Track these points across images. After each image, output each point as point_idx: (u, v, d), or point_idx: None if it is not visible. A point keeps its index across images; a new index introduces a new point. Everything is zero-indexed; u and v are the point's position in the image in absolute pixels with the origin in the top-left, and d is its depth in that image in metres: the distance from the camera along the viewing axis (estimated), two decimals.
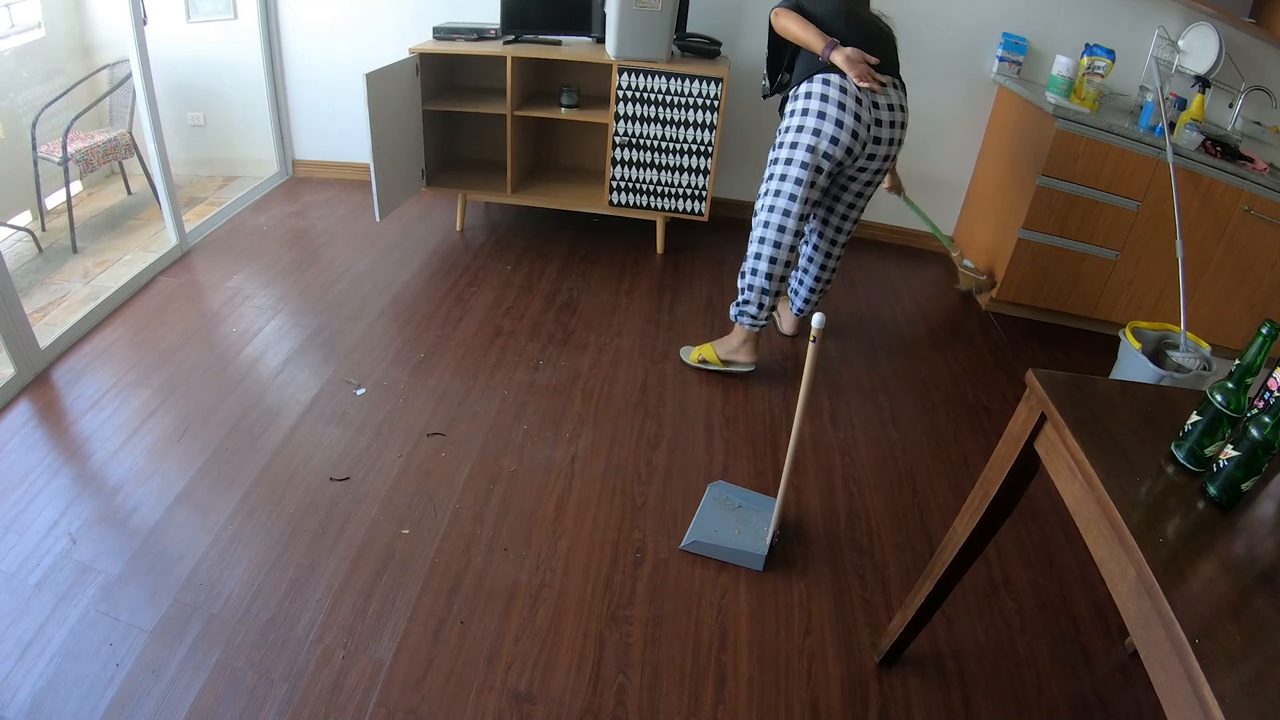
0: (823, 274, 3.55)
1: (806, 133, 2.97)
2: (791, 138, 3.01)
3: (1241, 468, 1.29)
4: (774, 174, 3.09)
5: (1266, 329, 1.29)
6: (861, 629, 2.32)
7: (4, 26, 4.64)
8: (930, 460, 3.07)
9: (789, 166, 3.03)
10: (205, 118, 5.25)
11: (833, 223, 3.40)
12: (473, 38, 4.21)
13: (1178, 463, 1.40)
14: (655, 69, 3.94)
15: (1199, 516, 1.31)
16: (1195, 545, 1.25)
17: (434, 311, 3.73)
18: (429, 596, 2.29)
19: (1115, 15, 4.23)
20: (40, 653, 2.09)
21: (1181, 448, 1.40)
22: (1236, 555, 1.26)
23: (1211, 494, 1.33)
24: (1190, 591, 1.15)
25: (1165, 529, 1.27)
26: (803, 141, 2.98)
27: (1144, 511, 1.29)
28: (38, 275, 4.20)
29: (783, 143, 3.05)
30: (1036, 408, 1.58)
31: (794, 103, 3.03)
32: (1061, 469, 1.50)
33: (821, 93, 2.94)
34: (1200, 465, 1.38)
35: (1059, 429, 1.49)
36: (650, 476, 2.83)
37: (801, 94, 3.00)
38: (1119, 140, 3.72)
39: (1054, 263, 4.03)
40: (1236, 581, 1.20)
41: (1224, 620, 1.11)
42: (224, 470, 2.73)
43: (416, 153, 4.28)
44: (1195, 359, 3.29)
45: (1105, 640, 2.36)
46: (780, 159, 3.06)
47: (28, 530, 2.46)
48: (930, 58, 4.45)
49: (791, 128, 3.02)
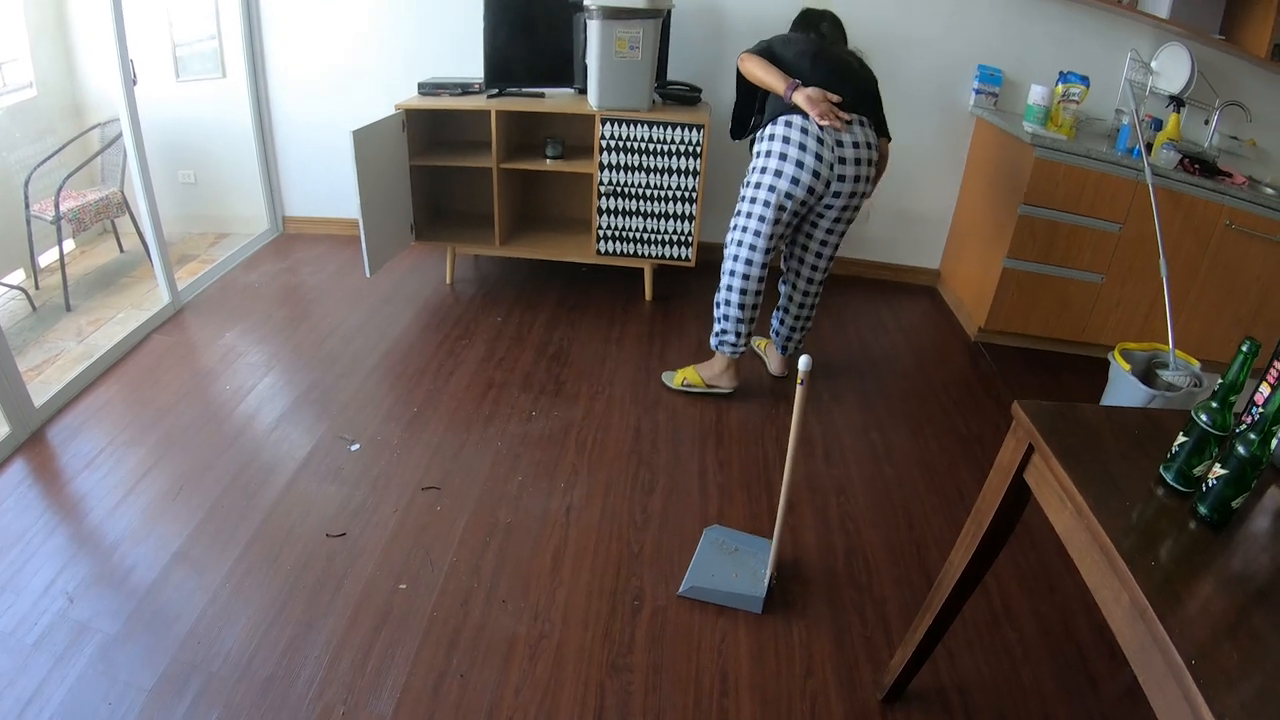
0: (802, 311, 3.58)
1: (769, 174, 3.09)
2: (756, 178, 3.15)
3: (1231, 485, 1.29)
4: (741, 210, 3.23)
5: (1247, 346, 1.30)
6: (863, 666, 2.31)
7: None
8: (925, 494, 3.07)
9: (754, 205, 3.16)
10: (196, 175, 5.29)
11: (808, 260, 3.44)
12: (457, 92, 4.26)
13: (1167, 484, 1.41)
14: (638, 118, 3.99)
15: (1191, 537, 1.32)
16: (1189, 566, 1.25)
17: (426, 365, 3.73)
18: (428, 651, 2.28)
19: (1087, 41, 4.29)
20: (39, 712, 2.07)
21: (1170, 469, 1.40)
22: (1231, 574, 1.26)
23: (1203, 514, 1.33)
24: (1185, 613, 1.15)
25: (1158, 552, 1.27)
26: (765, 182, 3.11)
27: (1136, 536, 1.29)
28: (31, 333, 4.22)
29: (749, 182, 3.19)
30: (1024, 439, 1.59)
31: (759, 144, 3.18)
32: (1051, 498, 1.51)
33: (784, 135, 3.06)
34: (1190, 485, 1.38)
35: (1046, 459, 1.49)
36: (646, 523, 2.82)
37: (766, 135, 3.14)
38: (1097, 164, 3.76)
39: (1040, 289, 4.06)
40: (1232, 600, 1.20)
41: (1221, 640, 1.12)
42: (220, 528, 2.72)
43: (405, 208, 4.31)
44: (1185, 377, 3.30)
45: (1110, 665, 2.35)
46: (747, 197, 3.20)
47: (25, 589, 2.44)
48: (908, 93, 4.51)
49: (756, 168, 3.16)
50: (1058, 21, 4.28)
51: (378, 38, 4.74)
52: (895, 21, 4.37)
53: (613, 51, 3.82)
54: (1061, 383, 4.01)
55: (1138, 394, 3.22)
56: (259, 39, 4.82)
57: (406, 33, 4.70)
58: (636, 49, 3.82)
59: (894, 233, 4.92)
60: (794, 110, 3.04)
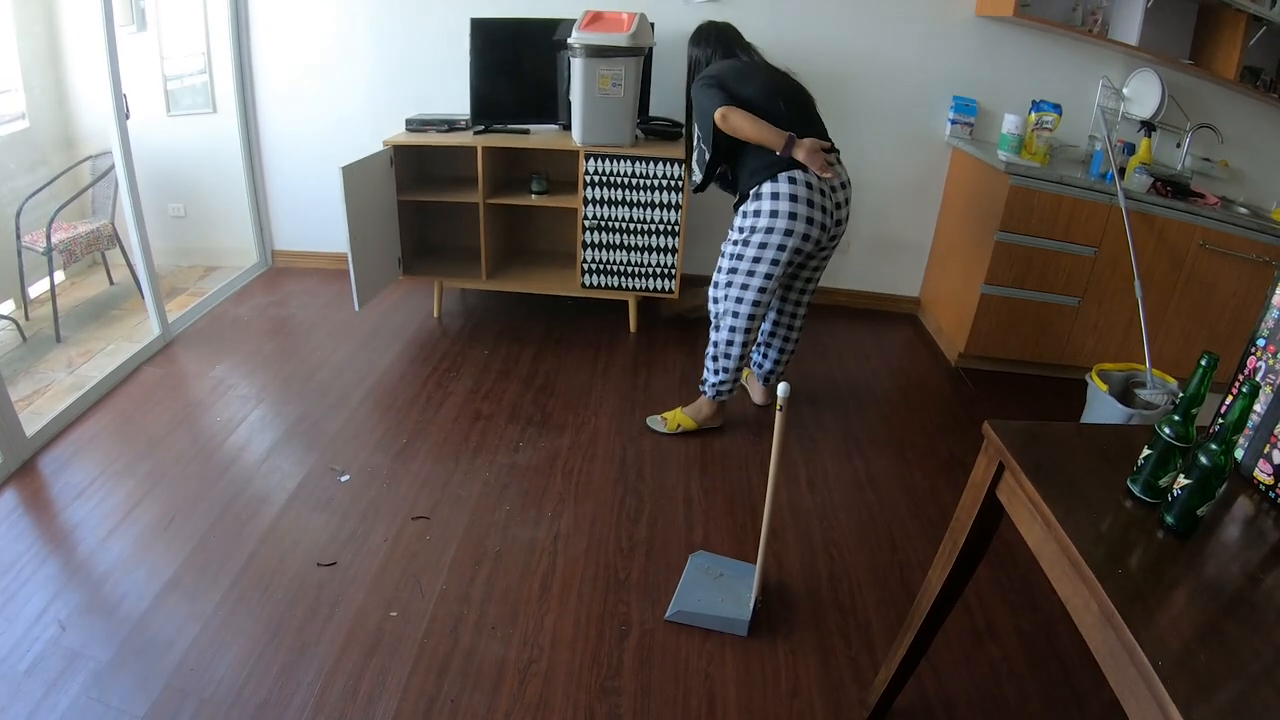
0: (787, 345, 3.64)
1: (778, 233, 3.03)
2: (761, 238, 3.07)
3: (1196, 495, 1.34)
4: (741, 269, 3.16)
5: (1205, 360, 1.35)
6: (849, 686, 2.34)
7: None
8: (908, 517, 3.11)
9: (759, 264, 3.11)
10: (186, 209, 5.33)
11: (792, 298, 3.51)
12: (444, 129, 4.33)
13: (1134, 496, 1.45)
14: (620, 153, 4.06)
15: (1159, 546, 1.36)
16: (1156, 573, 1.30)
17: (414, 398, 3.77)
18: (419, 677, 2.30)
19: (1059, 70, 4.39)
20: None
21: (1137, 481, 1.45)
22: (1197, 580, 1.31)
23: (1169, 523, 1.38)
24: (1152, 618, 1.20)
25: (1126, 561, 1.31)
26: (773, 241, 3.05)
27: (1104, 546, 1.34)
28: (22, 364, 4.24)
29: (750, 241, 3.10)
30: (995, 457, 1.64)
31: (759, 202, 3.07)
32: (1022, 513, 1.55)
33: (790, 193, 3.00)
34: (1156, 496, 1.43)
35: (1016, 475, 1.54)
36: (633, 550, 2.86)
37: (768, 194, 3.04)
38: (1071, 190, 3.84)
39: (1018, 314, 4.13)
40: (1199, 605, 1.25)
41: (1189, 643, 1.16)
42: (212, 557, 2.74)
43: (393, 242, 4.36)
44: (1162, 395, 3.35)
45: (1094, 680, 2.38)
46: (749, 255, 3.12)
47: (16, 617, 2.46)
48: (885, 124, 4.60)
49: (760, 228, 3.06)
50: (1030, 51, 4.37)
51: (366, 74, 4.81)
52: (870, 52, 4.45)
53: (595, 89, 3.89)
54: (1042, 404, 4.06)
55: (1116, 413, 3.27)
56: (249, 74, 4.88)
57: (394, 70, 4.77)
58: (619, 86, 3.89)
59: (874, 262, 4.99)
60: (792, 164, 3.01)
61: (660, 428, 3.57)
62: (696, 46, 3.41)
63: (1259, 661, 1.14)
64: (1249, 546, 1.41)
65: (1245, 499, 1.52)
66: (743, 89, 3.10)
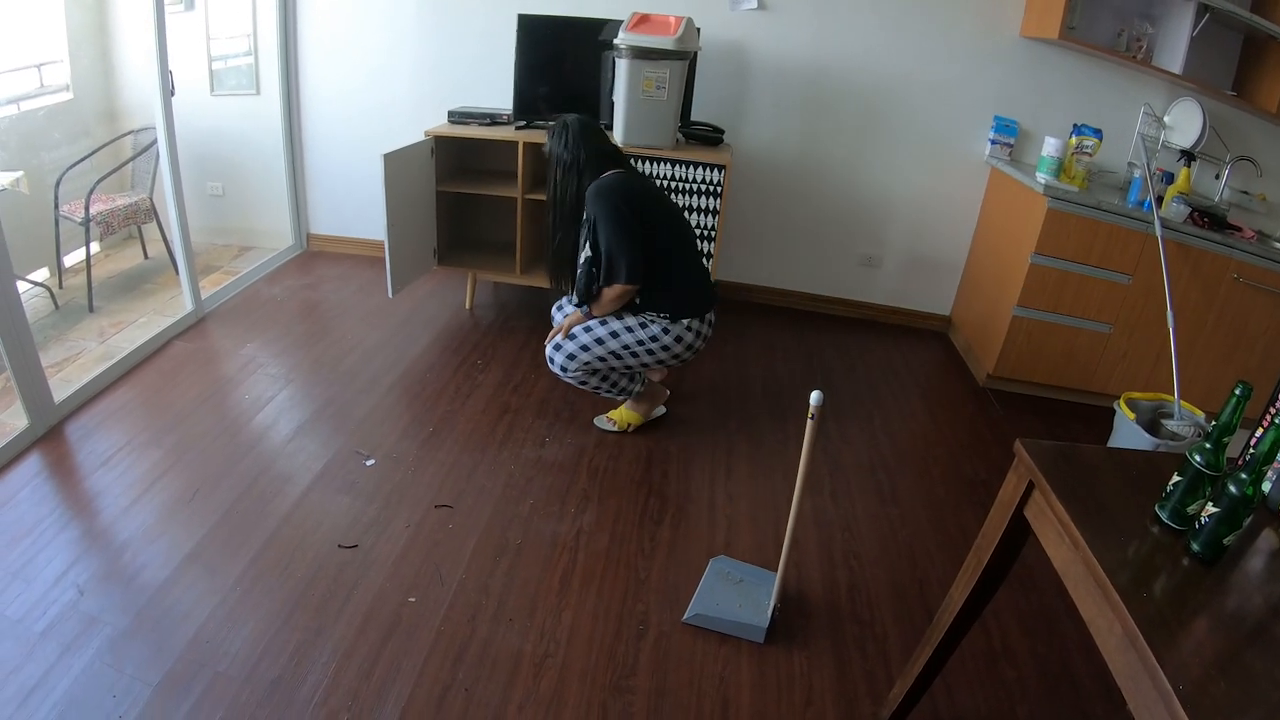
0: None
1: (669, 351, 3.27)
2: (665, 344, 3.25)
3: (1223, 523, 1.34)
4: (636, 354, 3.28)
5: (1239, 390, 1.35)
6: (863, 699, 2.34)
7: (34, 87, 4.79)
8: (929, 534, 3.11)
9: (648, 358, 3.30)
10: (224, 188, 5.40)
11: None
12: (486, 122, 4.35)
13: (1162, 522, 1.45)
14: (661, 155, 4.06)
15: (1184, 572, 1.36)
16: (1180, 598, 1.30)
17: (443, 387, 3.79)
18: (434, 664, 2.31)
19: (1102, 95, 4.36)
20: (43, 700, 2.12)
21: (1165, 507, 1.45)
22: (1220, 607, 1.31)
23: (1195, 550, 1.38)
24: (1175, 641, 1.20)
25: (1151, 585, 1.32)
26: (667, 356, 3.29)
27: (1130, 570, 1.34)
28: (54, 331, 4.29)
29: (653, 337, 3.23)
30: (1025, 475, 1.64)
31: (669, 329, 3.23)
32: (1050, 533, 1.55)
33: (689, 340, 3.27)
34: (1183, 523, 1.43)
35: (1046, 495, 1.54)
36: (654, 551, 2.86)
37: (678, 330, 3.23)
38: (1108, 216, 3.81)
39: (1049, 338, 4.10)
40: (1221, 632, 1.25)
41: (1209, 668, 1.16)
42: (233, 533, 2.78)
43: (429, 232, 4.39)
44: (1189, 427, 3.33)
45: (1106, 706, 2.37)
46: (645, 358, 3.29)
47: (35, 579, 2.50)
48: (925, 141, 4.60)
49: (663, 344, 3.25)
50: (1073, 74, 4.35)
51: (410, 64, 4.85)
52: (914, 69, 4.45)
53: (640, 90, 3.90)
54: (1068, 430, 4.04)
55: (1142, 443, 3.25)
56: (295, 59, 4.94)
57: (438, 62, 4.81)
58: (663, 89, 3.90)
59: (907, 278, 4.98)
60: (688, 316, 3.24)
61: (609, 426, 3.59)
62: (562, 145, 3.24)
63: (1279, 692, 1.14)
64: (1273, 579, 1.40)
65: (1271, 531, 1.51)
66: (650, 220, 3.16)
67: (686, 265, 3.26)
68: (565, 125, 3.20)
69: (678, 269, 3.22)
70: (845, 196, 4.81)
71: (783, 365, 4.37)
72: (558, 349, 3.30)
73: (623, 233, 3.02)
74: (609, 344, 3.22)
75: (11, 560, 2.57)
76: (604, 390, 3.41)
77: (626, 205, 3.05)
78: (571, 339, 3.27)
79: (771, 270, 5.12)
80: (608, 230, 3.03)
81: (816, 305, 5.15)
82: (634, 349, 3.23)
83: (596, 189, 3.08)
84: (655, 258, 3.11)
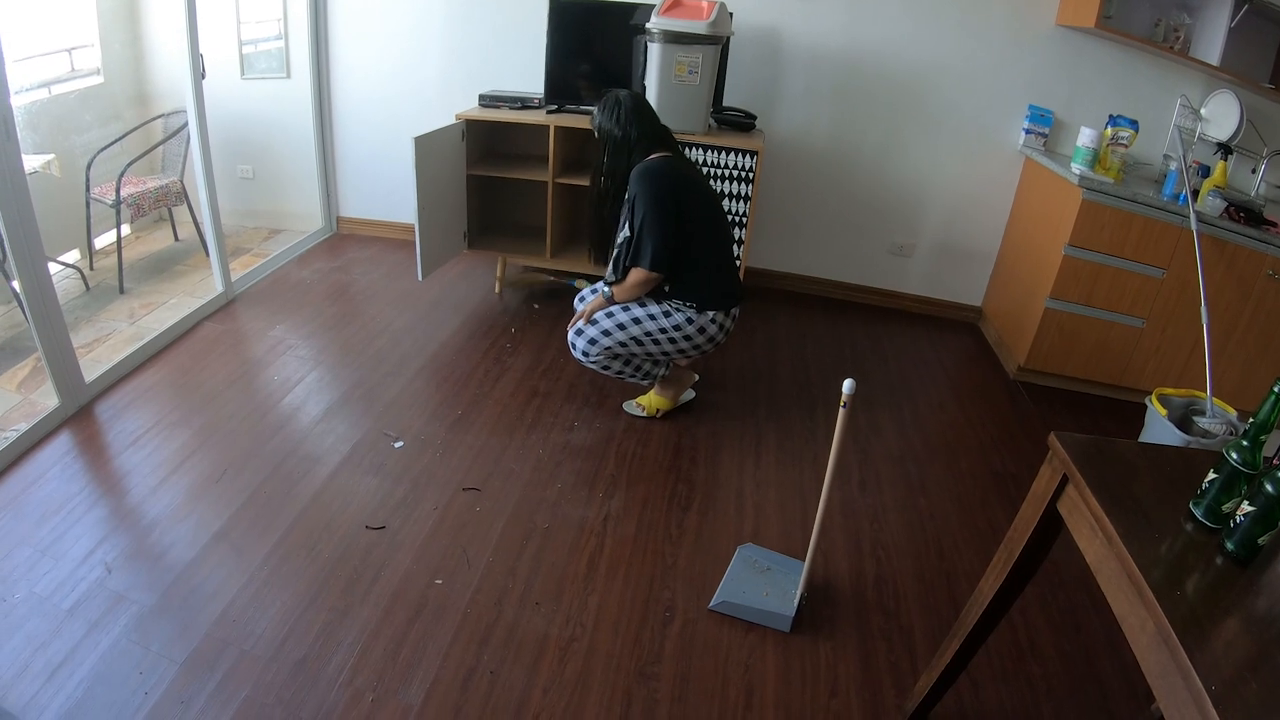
0: None
1: (691, 342, 3.28)
2: (684, 340, 3.27)
3: (1259, 523, 1.32)
4: (658, 341, 3.28)
5: (1279, 387, 1.33)
6: (887, 691, 2.33)
7: (65, 70, 4.83)
8: (957, 527, 3.09)
9: (669, 346, 3.30)
10: (254, 171, 5.44)
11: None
12: (517, 106, 4.35)
13: (1196, 520, 1.44)
14: (693, 140, 4.05)
15: (1217, 571, 1.35)
16: (1213, 598, 1.29)
17: (472, 370, 3.80)
18: (460, 646, 2.33)
19: (1138, 86, 4.31)
20: (70, 676, 2.15)
21: (1200, 505, 1.43)
22: (1255, 607, 1.29)
23: (1229, 549, 1.36)
24: (1208, 641, 1.19)
25: (1184, 584, 1.30)
26: (688, 346, 3.30)
27: (1163, 567, 1.33)
28: (84, 312, 4.33)
29: (677, 325, 3.24)
30: (1059, 469, 1.62)
31: (694, 320, 3.23)
32: (1083, 528, 1.54)
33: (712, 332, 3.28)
34: (1218, 522, 1.41)
35: (1080, 489, 1.53)
36: (681, 537, 2.86)
37: (702, 321, 3.24)
38: (1143, 209, 3.76)
39: (1081, 331, 4.06)
40: (1255, 633, 1.24)
41: (1242, 670, 1.15)
42: (261, 513, 2.80)
43: (459, 215, 4.39)
44: (1221, 424, 3.29)
45: (1132, 704, 2.36)
46: (666, 346, 3.30)
47: (64, 556, 2.53)
48: (958, 130, 4.55)
49: (686, 334, 3.26)
50: (1109, 64, 4.30)
51: (440, 48, 4.85)
52: (948, 57, 4.41)
53: (672, 75, 3.88)
54: (1098, 425, 4.00)
55: (1173, 439, 3.22)
56: (325, 42, 4.96)
57: (469, 45, 4.81)
58: (695, 74, 3.88)
59: (939, 268, 4.95)
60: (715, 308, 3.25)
61: (638, 411, 3.59)
62: (613, 121, 3.21)
63: None
64: None
65: None
66: (693, 213, 3.14)
67: (720, 258, 3.25)
68: (618, 101, 3.20)
69: (711, 261, 3.21)
70: (877, 185, 4.78)
71: (813, 353, 4.35)
72: (579, 334, 3.30)
73: (659, 220, 3.02)
74: (631, 330, 3.22)
75: (41, 537, 2.60)
76: (628, 375, 3.41)
77: (669, 193, 3.05)
78: (594, 324, 3.27)
79: (802, 257, 5.10)
80: (645, 214, 3.03)
81: (847, 293, 5.13)
82: (656, 336, 3.23)
83: (643, 172, 3.08)
84: (690, 247, 3.11)
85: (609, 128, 3.18)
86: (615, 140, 3.17)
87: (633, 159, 3.15)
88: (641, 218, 3.04)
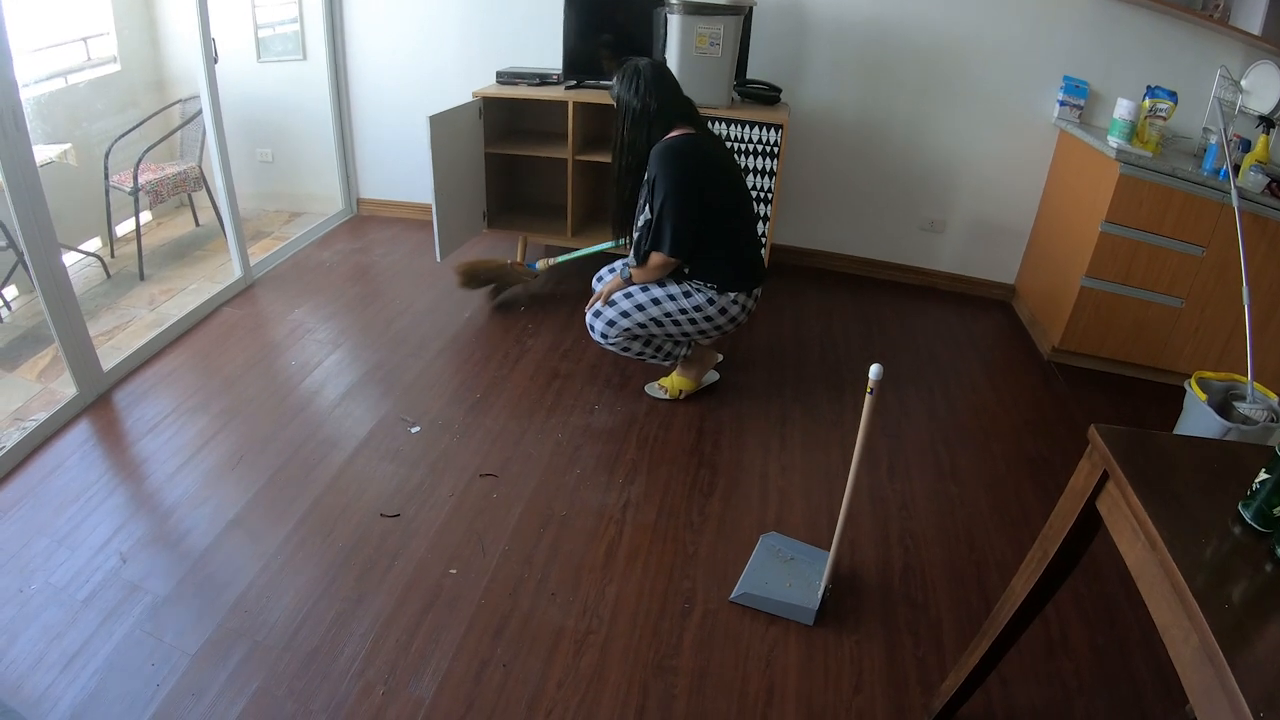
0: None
1: (712, 323, 3.21)
2: (705, 321, 3.20)
3: None
4: (678, 322, 3.21)
5: None
6: (913, 688, 2.26)
7: (81, 59, 4.83)
8: (989, 515, 3.00)
9: (690, 327, 3.23)
10: (273, 154, 5.42)
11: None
12: (535, 82, 4.29)
13: (1245, 523, 1.35)
14: (716, 115, 3.96)
15: (1267, 580, 1.26)
16: (1263, 611, 1.20)
17: (492, 352, 3.75)
18: (473, 637, 2.28)
19: (1176, 56, 4.16)
20: (84, 666, 2.14)
21: (1249, 507, 1.34)
22: None
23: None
24: (1256, 660, 1.10)
25: (1231, 593, 1.22)
26: (709, 327, 3.24)
27: (1209, 575, 1.24)
28: (105, 299, 4.35)
29: (698, 307, 3.17)
30: (1099, 465, 1.54)
31: (715, 300, 3.16)
32: (1124, 529, 1.45)
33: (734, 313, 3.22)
34: (1269, 526, 1.32)
35: (1122, 488, 1.44)
36: (703, 525, 2.80)
37: (723, 301, 3.17)
38: (1182, 184, 3.63)
39: (1117, 311, 3.95)
40: None
41: None
42: (277, 499, 2.77)
43: (478, 194, 4.34)
44: (1263, 410, 3.18)
45: (1166, 703, 2.27)
46: (686, 327, 3.23)
47: (80, 546, 2.52)
48: (990, 103, 4.43)
49: (706, 315, 3.19)
50: (1146, 34, 4.15)
51: (457, 26, 4.79)
52: (979, 27, 4.27)
53: (693, 47, 3.79)
54: (1135, 408, 3.89)
55: (1212, 425, 3.11)
56: (340, 23, 4.91)
57: (486, 21, 4.75)
58: (717, 45, 3.79)
59: (971, 244, 4.83)
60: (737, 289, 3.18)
61: (660, 394, 3.52)
62: (631, 92, 3.08)
63: None
64: None
65: None
66: (712, 201, 3.05)
67: (743, 238, 3.17)
68: (638, 70, 3.07)
69: (734, 241, 3.13)
70: (907, 159, 4.66)
71: (840, 332, 4.26)
72: (598, 315, 3.24)
73: (679, 204, 2.94)
74: (650, 310, 3.15)
75: (58, 527, 2.60)
76: (649, 356, 3.35)
77: (690, 175, 2.96)
78: (612, 305, 3.20)
79: (830, 234, 5.00)
80: (665, 197, 2.94)
81: (876, 271, 5.03)
82: (676, 317, 3.16)
83: (663, 151, 2.98)
84: (711, 229, 3.03)
85: (627, 98, 3.07)
86: (634, 112, 3.06)
87: (652, 133, 3.05)
88: (661, 200, 2.95)
